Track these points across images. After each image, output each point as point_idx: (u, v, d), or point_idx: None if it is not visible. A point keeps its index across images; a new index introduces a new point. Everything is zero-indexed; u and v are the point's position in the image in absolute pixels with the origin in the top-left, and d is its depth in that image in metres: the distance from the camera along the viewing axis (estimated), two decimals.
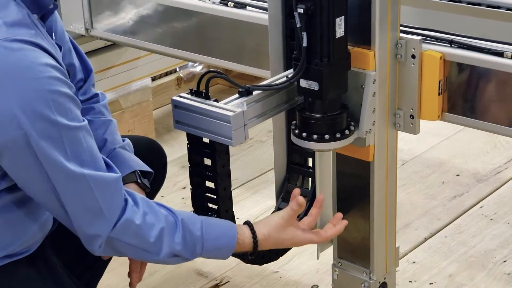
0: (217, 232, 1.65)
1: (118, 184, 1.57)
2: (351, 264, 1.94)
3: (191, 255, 1.63)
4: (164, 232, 1.59)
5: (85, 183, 1.52)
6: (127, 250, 1.60)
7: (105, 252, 1.60)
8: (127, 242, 1.58)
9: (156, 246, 1.59)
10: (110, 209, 1.55)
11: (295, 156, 2.00)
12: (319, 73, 1.61)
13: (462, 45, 1.75)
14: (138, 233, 1.57)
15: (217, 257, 1.69)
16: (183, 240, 1.61)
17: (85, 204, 1.53)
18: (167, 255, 1.60)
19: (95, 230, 1.55)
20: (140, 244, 1.59)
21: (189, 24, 2.40)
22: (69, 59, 1.81)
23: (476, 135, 3.14)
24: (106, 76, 2.90)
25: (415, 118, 1.77)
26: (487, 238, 2.56)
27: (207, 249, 1.64)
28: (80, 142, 1.51)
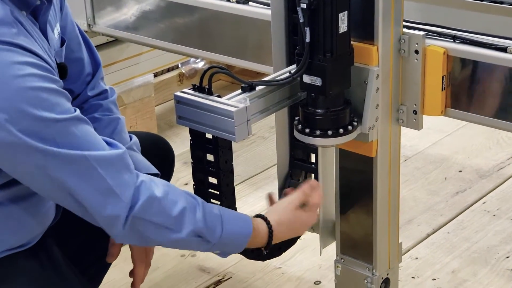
0: (233, 215, 1.65)
1: (124, 159, 1.53)
2: (354, 260, 1.94)
3: (212, 236, 1.59)
4: (186, 209, 1.56)
5: (86, 164, 1.48)
6: (150, 229, 1.55)
7: (128, 235, 1.54)
8: (150, 220, 1.53)
9: (179, 222, 1.55)
10: (120, 186, 1.51)
11: (297, 152, 1.99)
12: (322, 68, 1.61)
13: (466, 40, 1.75)
14: (161, 208, 1.54)
15: (233, 245, 1.64)
16: (203, 218, 1.58)
17: (93, 185, 1.49)
18: (190, 234, 1.56)
19: (111, 210, 1.50)
20: (163, 220, 1.54)
21: (191, 19, 2.40)
22: (78, 53, 1.80)
23: (479, 131, 3.13)
24: (108, 72, 2.90)
25: (418, 114, 1.77)
26: (490, 234, 2.56)
27: (226, 232, 1.60)
28: (73, 133, 1.47)
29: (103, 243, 1.91)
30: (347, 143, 1.70)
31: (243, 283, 2.39)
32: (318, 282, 2.37)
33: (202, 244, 1.60)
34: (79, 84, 1.84)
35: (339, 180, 1.90)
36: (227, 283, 2.40)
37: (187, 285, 2.39)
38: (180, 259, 2.50)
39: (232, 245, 1.65)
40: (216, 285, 2.39)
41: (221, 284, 2.39)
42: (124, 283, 2.38)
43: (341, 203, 1.92)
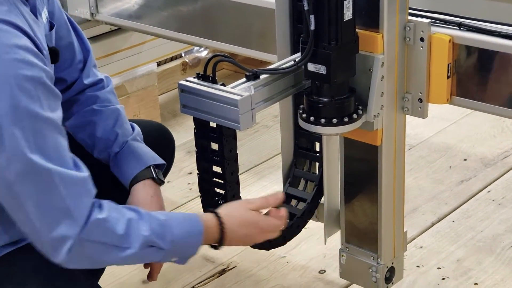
0: (180, 217, 1.61)
1: (86, 184, 1.48)
2: (358, 249, 1.93)
3: (163, 241, 1.54)
4: (131, 223, 1.51)
5: (49, 179, 1.41)
6: (98, 251, 1.50)
7: (71, 258, 1.48)
8: (97, 241, 1.48)
9: (126, 238, 1.50)
10: (77, 209, 1.45)
11: (302, 140, 1.99)
12: (327, 56, 1.60)
13: (471, 28, 1.74)
14: (107, 228, 1.48)
15: (187, 247, 1.60)
16: (150, 227, 1.53)
17: (50, 202, 1.43)
18: (141, 246, 1.52)
19: (62, 231, 1.44)
20: (111, 240, 1.49)
21: (194, 8, 2.39)
22: (68, 38, 1.78)
23: (484, 120, 3.12)
24: (112, 61, 2.89)
25: (423, 102, 1.76)
26: (495, 222, 2.55)
27: (177, 236, 1.56)
28: (45, 135, 1.41)
29: None
30: (352, 131, 1.70)
31: (247, 272, 2.38)
32: (323, 271, 2.37)
33: (156, 254, 1.56)
34: (71, 71, 1.81)
35: (343, 169, 1.89)
36: (232, 272, 2.39)
37: (191, 275, 2.38)
38: None
39: (187, 247, 1.60)
40: (220, 274, 2.39)
41: (226, 273, 2.39)
42: (128, 272, 2.38)
43: (345, 192, 1.91)
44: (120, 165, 1.79)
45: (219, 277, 2.38)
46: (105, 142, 1.80)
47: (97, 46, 2.81)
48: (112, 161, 1.79)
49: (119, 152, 1.79)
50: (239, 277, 2.37)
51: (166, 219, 1.57)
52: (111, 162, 1.80)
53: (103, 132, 1.80)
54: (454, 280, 2.30)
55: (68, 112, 1.83)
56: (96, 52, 2.79)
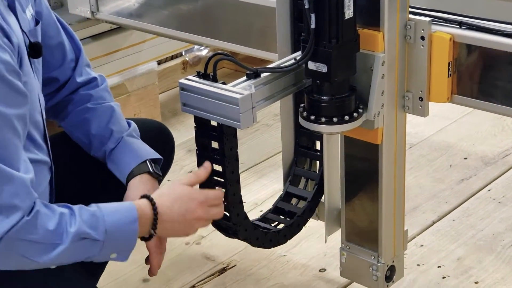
0: (113, 206, 1.56)
1: (25, 185, 1.44)
2: (359, 247, 1.93)
3: (97, 232, 1.49)
4: (62, 217, 1.48)
5: None
6: (27, 250, 1.45)
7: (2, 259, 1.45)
8: (27, 239, 1.44)
9: (57, 233, 1.46)
10: (9, 208, 1.41)
11: (302, 139, 1.99)
12: (327, 55, 1.60)
13: (472, 26, 1.74)
14: (38, 226, 1.45)
15: (124, 236, 1.54)
16: (81, 219, 1.49)
17: None
18: (73, 239, 1.47)
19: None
20: (42, 237, 1.45)
21: (195, 6, 2.39)
22: (58, 37, 1.78)
23: (484, 118, 3.12)
24: (112, 59, 2.89)
25: (424, 101, 1.76)
26: (495, 221, 2.55)
27: (110, 224, 1.51)
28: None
29: None
30: (353, 130, 1.70)
31: (247, 270, 2.38)
32: (323, 270, 2.37)
33: (92, 247, 1.51)
34: (63, 70, 1.81)
35: (344, 168, 1.89)
36: (232, 270, 2.39)
37: (192, 273, 2.38)
38: (185, 247, 2.49)
39: (123, 236, 1.54)
40: (220, 273, 2.39)
41: (226, 272, 2.39)
42: (128, 271, 2.38)
43: (346, 190, 1.91)
44: (116, 160, 1.79)
45: (219, 275, 2.38)
46: (100, 139, 1.80)
47: (97, 45, 2.81)
48: (108, 158, 1.79)
49: (115, 148, 1.79)
50: (239, 276, 2.37)
51: (97, 209, 1.52)
52: (107, 158, 1.79)
53: (97, 129, 1.79)
54: (455, 279, 2.30)
55: (63, 112, 1.83)
56: (96, 51, 2.81)
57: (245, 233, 1.81)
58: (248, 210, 2.15)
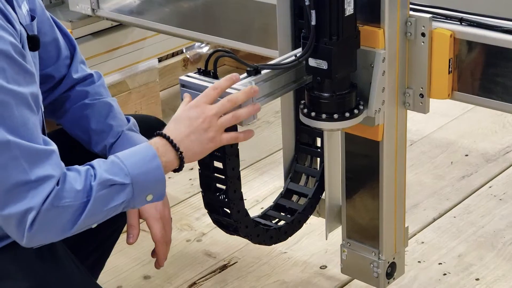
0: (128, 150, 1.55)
1: (52, 157, 1.45)
2: (360, 244, 1.93)
3: (121, 176, 1.49)
4: (87, 174, 1.48)
5: (11, 154, 1.39)
6: (64, 214, 1.46)
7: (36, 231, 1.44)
8: (61, 205, 1.44)
9: (85, 190, 1.46)
10: (41, 181, 1.42)
11: (303, 136, 1.99)
12: (328, 51, 1.60)
13: (472, 23, 1.73)
14: (68, 190, 1.45)
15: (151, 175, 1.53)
16: (100, 168, 1.49)
17: (11, 175, 1.40)
18: (99, 189, 1.47)
19: (26, 204, 1.41)
20: (73, 199, 1.45)
21: (196, 3, 2.39)
22: (52, 34, 1.78)
23: (485, 115, 3.12)
24: (113, 56, 2.89)
25: (425, 97, 1.76)
26: (496, 218, 2.55)
27: (132, 166, 1.50)
28: (9, 107, 1.39)
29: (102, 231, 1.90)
30: (353, 127, 1.70)
31: (248, 267, 2.39)
32: (324, 267, 2.37)
33: (122, 192, 1.50)
34: (58, 67, 1.81)
35: (345, 164, 1.89)
36: (233, 267, 2.39)
37: (192, 270, 2.39)
38: (186, 244, 2.50)
39: (150, 175, 1.53)
40: (221, 269, 2.39)
41: (227, 268, 2.39)
42: (129, 268, 2.38)
43: (347, 187, 1.91)
44: None
45: (220, 272, 2.38)
46: (99, 135, 1.80)
47: (98, 42, 2.81)
48: (109, 152, 1.79)
49: (115, 142, 1.78)
50: (240, 273, 2.37)
51: (114, 157, 1.52)
52: (108, 153, 1.79)
53: (97, 124, 1.80)
54: (456, 276, 2.30)
55: (61, 110, 1.83)
56: (97, 48, 2.81)
57: (246, 230, 1.81)
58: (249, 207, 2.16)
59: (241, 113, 1.59)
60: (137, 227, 1.77)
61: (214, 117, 1.57)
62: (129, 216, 1.77)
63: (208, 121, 1.57)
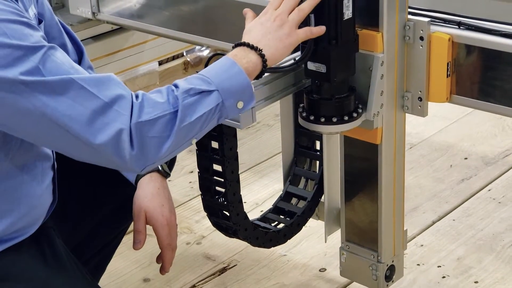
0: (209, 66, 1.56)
1: (113, 79, 1.47)
2: (359, 247, 1.94)
3: (205, 84, 1.49)
4: (168, 89, 1.49)
5: (77, 87, 1.41)
6: (155, 126, 1.45)
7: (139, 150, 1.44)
8: (150, 118, 1.44)
9: (170, 101, 1.46)
10: (118, 100, 1.43)
11: (302, 139, 1.99)
12: (326, 55, 1.61)
13: (471, 26, 1.74)
14: (151, 103, 1.45)
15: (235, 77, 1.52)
16: (183, 82, 1.50)
17: (88, 108, 1.41)
18: (185, 97, 1.47)
19: (114, 126, 1.42)
20: (160, 110, 1.45)
21: (196, 7, 2.39)
22: (60, 39, 1.78)
23: (484, 118, 3.13)
24: (113, 60, 2.90)
25: (423, 101, 1.76)
26: (495, 221, 2.55)
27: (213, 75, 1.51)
28: (52, 60, 1.41)
29: (104, 234, 1.91)
30: (352, 130, 1.70)
31: (248, 270, 2.39)
32: (323, 270, 2.37)
33: (209, 98, 1.49)
34: None
35: (344, 167, 1.90)
36: (232, 270, 2.40)
37: (192, 273, 2.39)
38: (185, 247, 2.50)
39: (234, 80, 1.52)
40: (221, 272, 2.40)
41: (226, 271, 2.40)
42: (129, 271, 2.39)
43: (346, 190, 1.92)
44: None
45: (220, 275, 2.39)
46: None
47: (98, 45, 2.82)
48: None
49: None
50: (240, 276, 2.38)
51: (196, 73, 1.53)
52: None
53: None
54: (455, 279, 2.31)
55: None
56: (97, 51, 2.82)
57: (245, 233, 1.82)
58: (248, 210, 2.17)
59: (305, 7, 1.60)
60: (144, 233, 1.78)
61: (284, 14, 1.59)
62: (136, 222, 1.78)
63: (280, 18, 1.59)
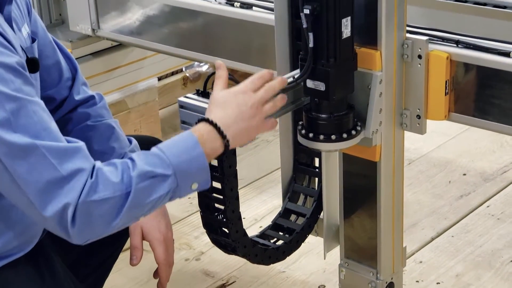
0: (170, 140, 1.53)
1: (81, 150, 1.46)
2: (358, 264, 1.94)
3: (163, 167, 1.47)
4: (123, 166, 1.46)
5: (39, 154, 1.41)
6: (104, 207, 1.44)
7: (81, 227, 1.43)
8: (100, 199, 1.43)
9: (123, 182, 1.45)
10: (75, 175, 1.42)
11: (301, 156, 2.00)
12: (325, 73, 1.61)
13: (469, 45, 1.75)
14: (104, 183, 1.44)
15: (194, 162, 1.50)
16: (140, 160, 1.47)
17: (44, 177, 1.41)
18: (140, 181, 1.45)
19: (61, 200, 1.41)
20: (112, 191, 1.44)
21: (195, 24, 2.40)
22: (54, 57, 1.79)
23: (483, 134, 3.13)
24: (113, 76, 2.91)
25: (421, 118, 1.77)
26: (494, 237, 2.55)
27: (173, 155, 1.48)
28: (28, 115, 1.41)
29: (103, 251, 1.91)
30: (351, 147, 1.71)
31: (247, 287, 2.39)
32: (322, 286, 2.37)
33: (164, 183, 1.48)
34: (60, 89, 1.81)
35: (343, 184, 1.90)
36: (231, 287, 2.40)
37: None
38: (184, 263, 2.50)
39: (192, 163, 1.50)
40: None
41: None
42: (126, 287, 2.39)
43: (345, 207, 1.92)
44: None
45: None
46: (102, 157, 1.79)
47: (98, 62, 2.83)
48: None
49: None
50: None
51: (155, 148, 1.50)
52: None
53: (99, 146, 1.80)
54: None
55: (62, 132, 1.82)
56: (97, 68, 2.82)
57: (244, 250, 1.82)
58: (247, 225, 2.17)
59: (278, 100, 1.59)
60: (141, 249, 1.78)
61: (260, 103, 1.57)
62: (133, 238, 1.78)
63: (256, 107, 1.56)
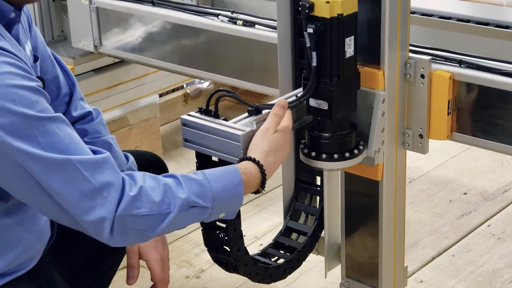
0: (218, 171, 1.58)
1: (109, 161, 1.50)
2: (359, 283, 1.93)
3: (204, 200, 1.53)
4: (167, 187, 1.51)
5: (72, 168, 1.45)
6: (140, 223, 1.49)
7: (116, 237, 1.48)
8: (136, 214, 1.48)
9: (165, 202, 1.50)
10: (107, 187, 1.47)
11: (303, 174, 1.99)
12: (328, 92, 1.62)
13: (471, 65, 1.75)
14: (143, 199, 1.49)
15: (232, 199, 1.57)
16: (188, 188, 1.52)
17: (78, 189, 1.45)
18: (182, 209, 1.51)
19: (98, 213, 1.46)
20: (150, 209, 1.49)
21: (197, 41, 2.41)
22: (53, 72, 1.79)
23: (484, 154, 3.13)
24: (114, 92, 2.91)
25: (424, 138, 1.77)
26: (495, 257, 2.55)
27: (217, 191, 1.54)
28: (54, 132, 1.45)
29: (101, 266, 1.90)
30: (353, 166, 1.71)
31: None
32: None
33: (202, 213, 1.54)
34: (57, 105, 1.81)
35: (344, 203, 1.90)
36: None
37: None
38: (184, 280, 2.49)
39: (231, 199, 1.57)
40: None
41: None
42: None
43: (346, 226, 1.92)
44: None
45: None
46: None
47: (100, 78, 2.83)
48: None
49: None
50: None
51: (203, 177, 1.55)
52: None
53: None
54: None
55: None
56: (99, 84, 2.83)
57: (245, 268, 1.81)
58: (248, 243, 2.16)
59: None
60: (137, 268, 1.79)
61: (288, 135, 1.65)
62: (130, 257, 1.78)
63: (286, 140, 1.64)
